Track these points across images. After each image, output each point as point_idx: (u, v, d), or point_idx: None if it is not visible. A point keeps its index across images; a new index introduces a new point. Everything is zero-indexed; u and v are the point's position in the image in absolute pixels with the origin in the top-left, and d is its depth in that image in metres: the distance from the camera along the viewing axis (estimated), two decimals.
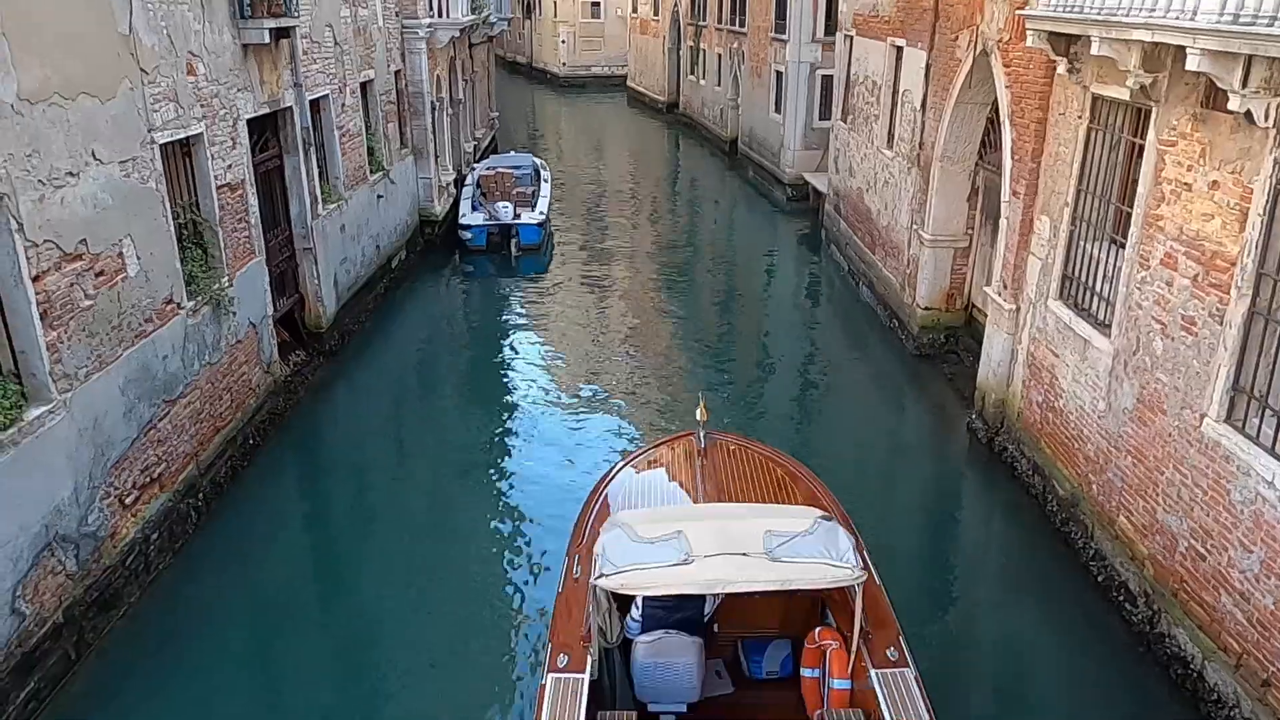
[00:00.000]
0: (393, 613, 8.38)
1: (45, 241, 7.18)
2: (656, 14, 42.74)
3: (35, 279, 7.04)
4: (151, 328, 8.77)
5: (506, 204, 20.43)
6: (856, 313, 16.62)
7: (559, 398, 12.90)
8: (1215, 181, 7.06)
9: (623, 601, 6.24)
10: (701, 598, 6.51)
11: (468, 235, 19.90)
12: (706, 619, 6.68)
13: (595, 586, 5.55)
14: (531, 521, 9.86)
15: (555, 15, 55.27)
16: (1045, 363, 10.01)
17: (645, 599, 6.31)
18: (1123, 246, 8.53)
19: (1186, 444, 7.37)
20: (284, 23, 11.43)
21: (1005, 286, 10.97)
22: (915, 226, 14.30)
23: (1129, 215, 8.42)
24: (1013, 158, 10.72)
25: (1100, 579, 8.62)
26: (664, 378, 13.76)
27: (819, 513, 6.02)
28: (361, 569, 9.04)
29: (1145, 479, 7.97)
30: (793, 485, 7.34)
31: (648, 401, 12.83)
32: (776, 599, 6.61)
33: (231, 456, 10.34)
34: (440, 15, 20.53)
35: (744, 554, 5.50)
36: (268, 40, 11.06)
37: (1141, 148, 8.22)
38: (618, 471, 7.68)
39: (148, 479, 8.65)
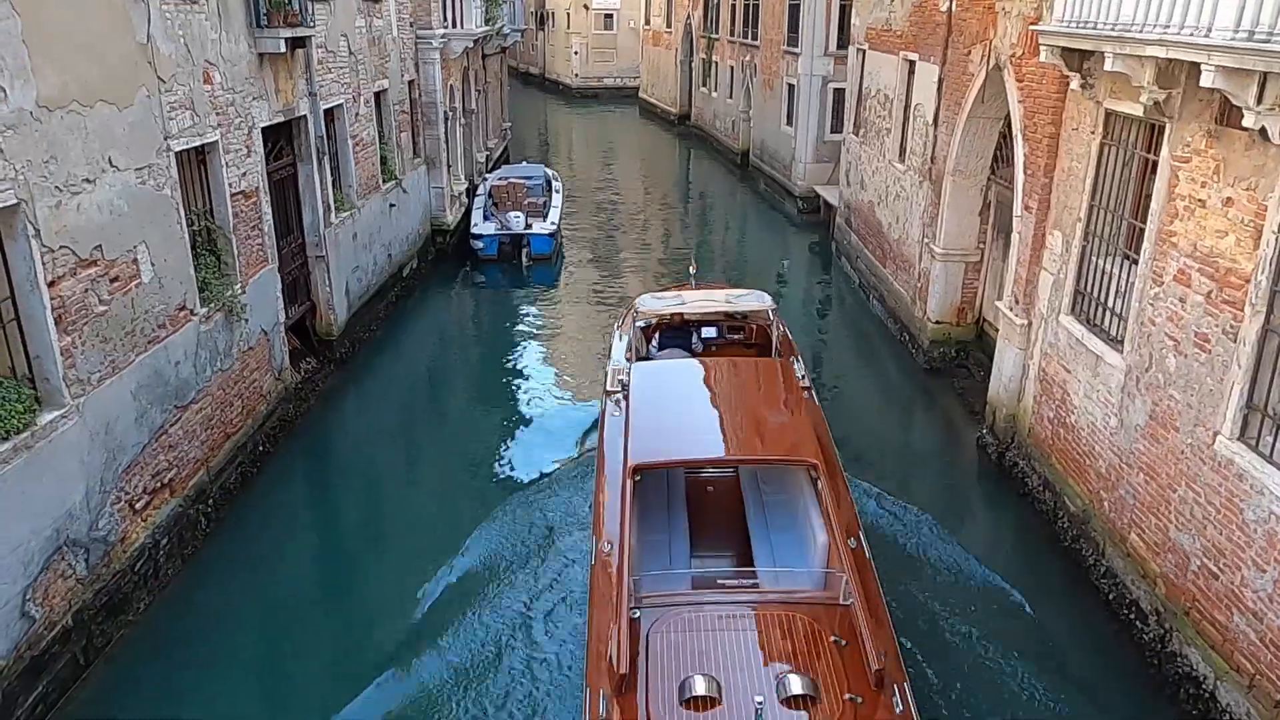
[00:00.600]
0: (401, 619, 8.37)
1: (61, 247, 7.24)
2: (669, 26, 42.91)
3: (50, 284, 7.09)
4: (164, 334, 8.82)
5: (518, 214, 20.50)
6: (866, 326, 16.59)
7: (568, 406, 12.91)
8: (1229, 198, 7.03)
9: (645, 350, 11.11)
10: (690, 335, 11.52)
11: (479, 245, 19.97)
12: (696, 351, 11.46)
13: (636, 317, 11.16)
14: (541, 529, 9.86)
15: (568, 27, 55.56)
16: (1057, 378, 9.97)
17: (660, 334, 11.47)
18: (1136, 262, 8.50)
19: (1199, 462, 7.32)
20: (300, 32, 11.51)
21: (1017, 301, 10.94)
22: (926, 240, 14.28)
23: (1142, 231, 8.40)
24: (1025, 172, 10.71)
25: (1111, 597, 8.56)
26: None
27: (767, 297, 11.53)
28: (370, 576, 9.05)
29: (1157, 496, 7.92)
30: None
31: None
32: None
33: (242, 463, 10.37)
34: (454, 26, 20.66)
35: (713, 299, 11.39)
36: (283, 49, 11.14)
37: (1155, 164, 8.21)
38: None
39: (158, 484, 8.68)
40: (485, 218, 20.75)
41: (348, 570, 9.16)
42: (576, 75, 54.97)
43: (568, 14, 55.37)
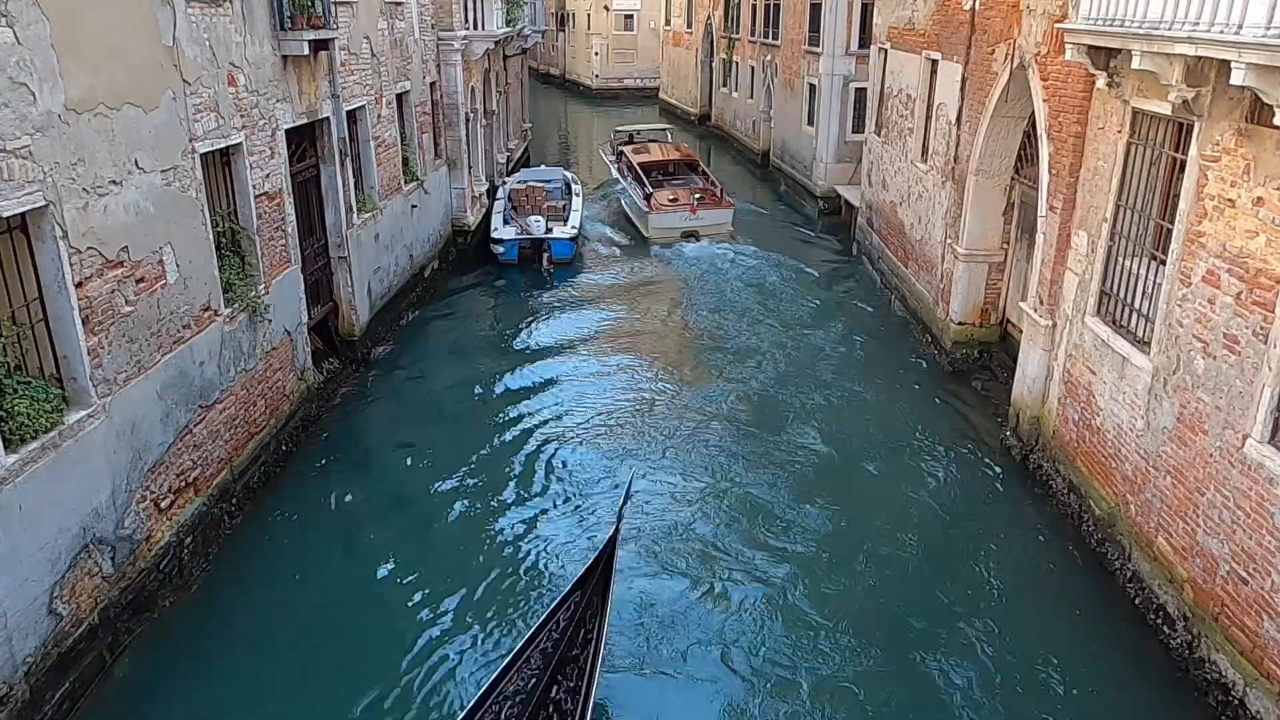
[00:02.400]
0: (423, 621, 8.40)
1: (88, 249, 7.32)
2: (690, 26, 42.85)
3: (78, 285, 7.17)
4: (189, 334, 8.90)
5: (538, 218, 20.46)
6: (888, 326, 16.48)
7: (592, 406, 12.90)
8: (1260, 198, 6.93)
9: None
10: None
11: (500, 249, 19.94)
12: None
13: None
14: (564, 526, 9.86)
15: (589, 28, 55.61)
16: (1082, 380, 9.86)
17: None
18: (1163, 263, 8.39)
19: (1228, 465, 7.22)
20: (323, 35, 11.58)
21: (1041, 302, 10.83)
22: (949, 240, 14.18)
23: (1169, 231, 8.29)
24: (1050, 172, 10.61)
25: (1138, 601, 8.46)
26: (695, 383, 13.74)
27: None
28: (392, 577, 9.08)
29: (1185, 500, 7.82)
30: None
31: (681, 408, 12.80)
32: None
33: (265, 462, 10.45)
34: (475, 28, 20.71)
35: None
36: (307, 52, 11.21)
37: (1183, 163, 8.10)
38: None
39: (183, 483, 8.76)
40: (505, 222, 20.73)
41: (369, 570, 9.20)
42: (597, 76, 55.01)
43: (588, 15, 55.42)
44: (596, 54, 55.28)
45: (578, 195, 22.81)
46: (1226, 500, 7.23)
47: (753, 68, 32.63)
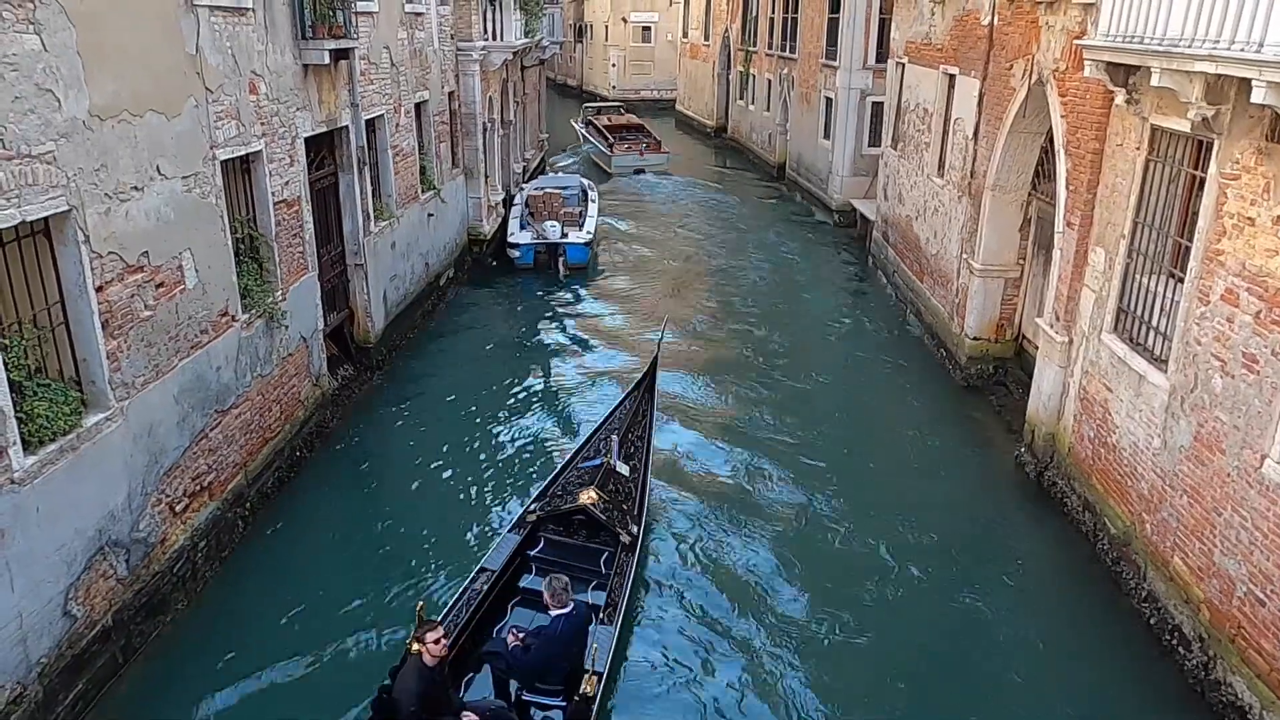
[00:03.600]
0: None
1: (110, 253, 7.39)
2: (707, 39, 42.97)
3: (99, 289, 7.24)
4: (207, 339, 8.97)
5: (554, 223, 20.63)
6: (903, 341, 16.44)
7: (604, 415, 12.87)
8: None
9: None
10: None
11: (515, 254, 20.13)
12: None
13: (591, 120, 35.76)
14: None
15: (606, 39, 55.87)
16: (1098, 397, 9.80)
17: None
18: (1181, 281, 8.35)
19: (1246, 485, 7.15)
20: (343, 44, 11.68)
21: (1058, 318, 10.78)
22: (965, 255, 14.14)
23: (1188, 249, 8.25)
24: (1067, 188, 10.57)
25: (1153, 621, 8.38)
26: (709, 395, 13.73)
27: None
28: (402, 583, 9.09)
29: (1202, 520, 7.75)
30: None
31: (695, 416, 12.79)
32: None
33: (279, 467, 10.50)
34: (494, 38, 20.85)
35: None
36: (327, 61, 11.31)
37: (1202, 181, 8.06)
38: None
39: (198, 487, 8.81)
40: (522, 227, 20.94)
41: (380, 577, 9.21)
42: (614, 87, 55.21)
43: (606, 27, 55.69)
44: (614, 65, 55.52)
45: (593, 202, 22.91)
46: (1244, 520, 7.16)
47: (770, 81, 32.68)
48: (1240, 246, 7.36)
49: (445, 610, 7.46)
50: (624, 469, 9.34)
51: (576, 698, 6.42)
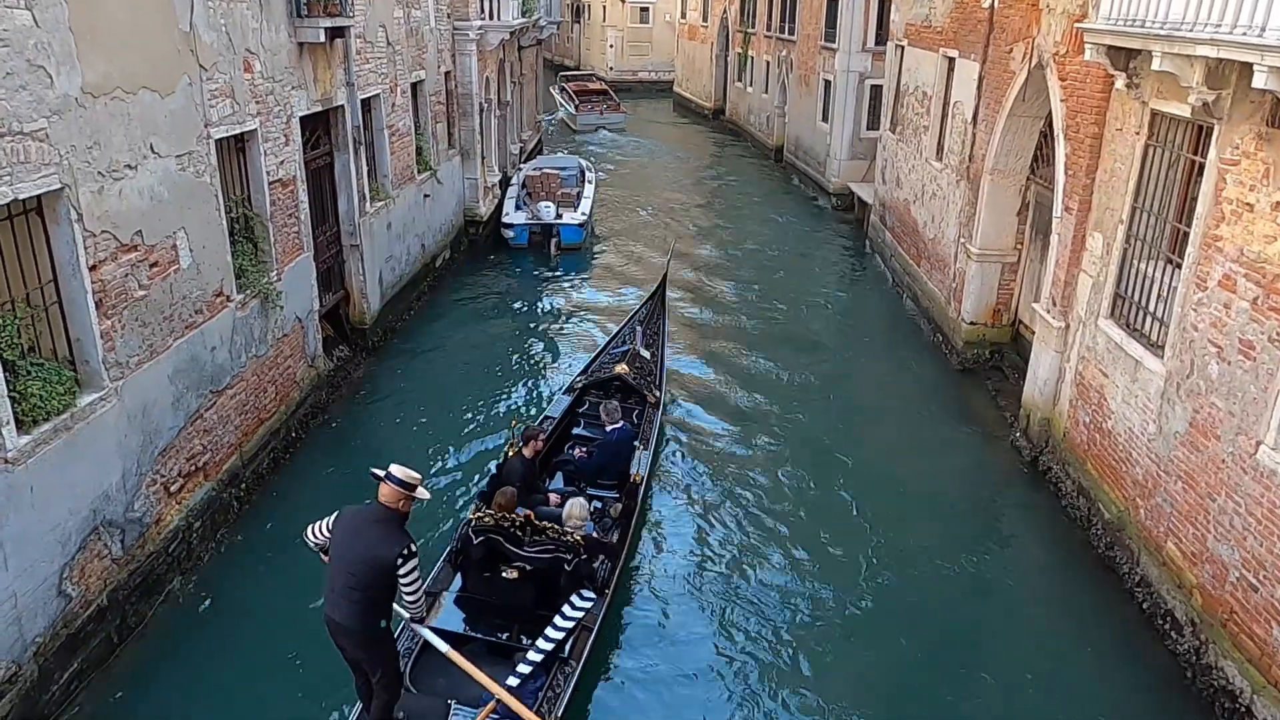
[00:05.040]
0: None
1: (103, 232, 7.34)
2: (705, 20, 42.70)
3: (92, 268, 7.19)
4: (201, 319, 8.93)
5: (549, 204, 20.60)
6: (899, 325, 16.43)
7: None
8: (1279, 203, 6.87)
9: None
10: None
11: (510, 234, 20.12)
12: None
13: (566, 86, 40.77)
14: None
15: (604, 20, 55.48)
16: (1094, 382, 9.81)
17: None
18: (1179, 266, 8.34)
19: (1240, 471, 7.17)
20: (339, 22, 11.57)
21: (1054, 303, 10.78)
22: (963, 240, 14.11)
23: (1186, 235, 8.24)
24: (1066, 173, 10.54)
25: (1145, 606, 8.43)
26: (702, 376, 13.72)
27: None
28: None
29: (1196, 505, 7.78)
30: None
31: (690, 399, 12.79)
32: None
33: (274, 448, 10.48)
34: (491, 18, 20.67)
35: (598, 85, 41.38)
36: (323, 39, 11.20)
37: (1201, 166, 8.04)
38: None
39: (193, 468, 8.80)
40: (517, 207, 20.93)
41: None
42: (611, 69, 54.87)
43: (604, 7, 55.28)
44: (611, 46, 55.16)
45: (590, 183, 22.84)
46: (1238, 506, 7.19)
47: (768, 63, 32.51)
48: (1239, 232, 7.35)
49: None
50: (645, 353, 11.70)
51: (628, 484, 8.75)
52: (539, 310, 16.99)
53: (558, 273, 19.02)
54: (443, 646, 6.13)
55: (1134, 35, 8.16)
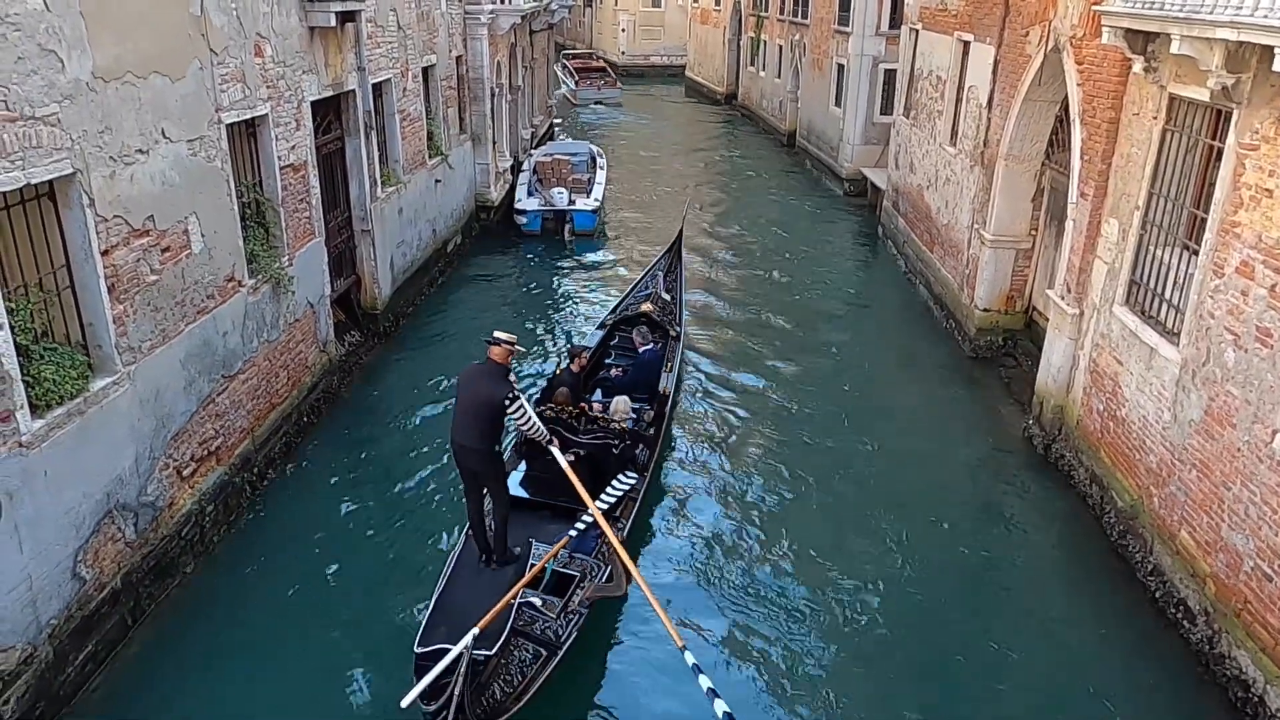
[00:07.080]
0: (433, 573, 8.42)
1: (115, 217, 7.35)
2: (718, 4, 42.43)
3: (104, 253, 7.21)
4: (213, 304, 8.95)
5: (561, 190, 20.57)
6: (912, 311, 16.35)
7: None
8: None
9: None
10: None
11: (523, 220, 20.07)
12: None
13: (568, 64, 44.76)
14: None
15: (616, 4, 55.16)
16: (1108, 370, 9.74)
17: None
18: (1195, 253, 8.25)
19: (1256, 460, 7.11)
20: (350, 6, 11.53)
21: (1069, 290, 10.69)
22: (976, 226, 14.01)
23: (1203, 221, 8.14)
24: (1082, 158, 10.43)
25: (1158, 595, 8.38)
26: (718, 361, 13.70)
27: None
28: (408, 549, 9.14)
29: (1210, 494, 7.72)
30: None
31: (704, 393, 12.77)
32: None
33: (286, 433, 10.52)
34: (502, 2, 20.58)
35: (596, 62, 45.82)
36: (334, 24, 11.17)
37: (1220, 151, 7.94)
38: None
39: (205, 452, 8.84)
40: (529, 193, 20.88)
41: (387, 542, 9.26)
42: (623, 53, 54.61)
43: None
44: (623, 30, 54.87)
45: (602, 169, 22.78)
46: (1253, 495, 7.13)
47: (781, 47, 32.29)
48: (1257, 219, 7.26)
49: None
50: (666, 295, 13.21)
51: (659, 396, 10.47)
52: (554, 294, 16.99)
53: (572, 258, 19.00)
54: (562, 461, 7.72)
55: (1152, 18, 8.05)
